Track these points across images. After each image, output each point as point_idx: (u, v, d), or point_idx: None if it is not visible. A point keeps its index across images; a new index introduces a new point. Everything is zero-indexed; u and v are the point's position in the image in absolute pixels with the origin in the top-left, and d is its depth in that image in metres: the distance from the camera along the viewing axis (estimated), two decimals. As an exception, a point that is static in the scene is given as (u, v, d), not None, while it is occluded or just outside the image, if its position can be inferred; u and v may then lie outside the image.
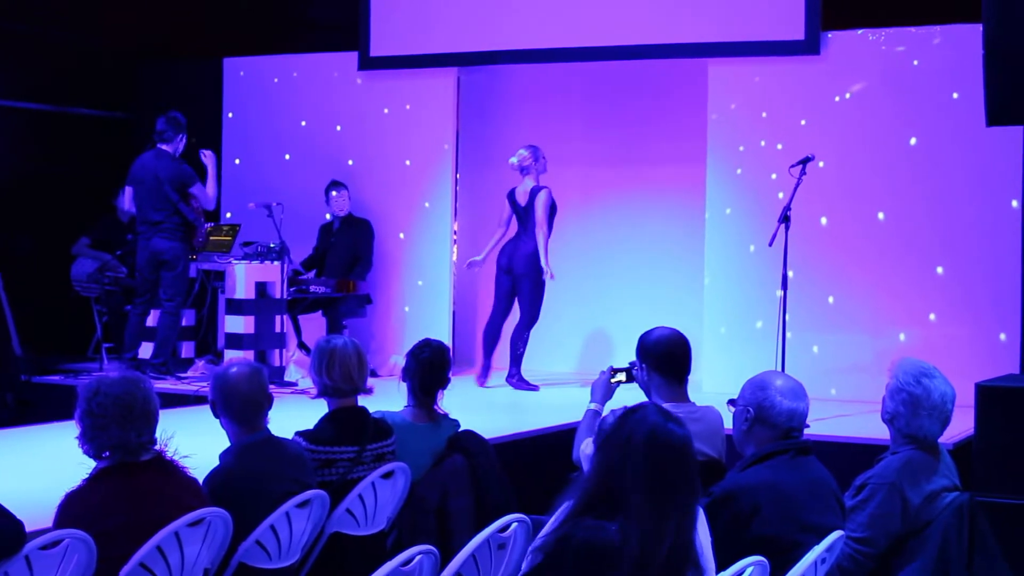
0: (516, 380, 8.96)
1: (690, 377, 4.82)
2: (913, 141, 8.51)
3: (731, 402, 4.18)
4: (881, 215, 8.58)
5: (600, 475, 2.98)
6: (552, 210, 8.93)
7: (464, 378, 9.20)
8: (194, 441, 4.21)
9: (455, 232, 10.07)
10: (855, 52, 8.69)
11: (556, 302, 9.47)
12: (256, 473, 4.28)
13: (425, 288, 9.90)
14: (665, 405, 4.61)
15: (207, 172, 9.02)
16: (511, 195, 9.09)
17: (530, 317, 8.96)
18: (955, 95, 8.33)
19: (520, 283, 8.95)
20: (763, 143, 8.87)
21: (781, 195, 7.42)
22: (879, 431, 4.38)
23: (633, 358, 4.81)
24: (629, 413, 3.05)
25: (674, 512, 2.92)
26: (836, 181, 8.63)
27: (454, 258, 10.03)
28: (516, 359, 8.97)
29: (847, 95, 8.68)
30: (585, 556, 2.89)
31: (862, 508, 4.09)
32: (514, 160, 9.01)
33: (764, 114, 8.90)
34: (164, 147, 8.83)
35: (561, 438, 6.33)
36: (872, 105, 8.62)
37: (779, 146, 8.72)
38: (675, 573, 2.91)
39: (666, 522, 2.90)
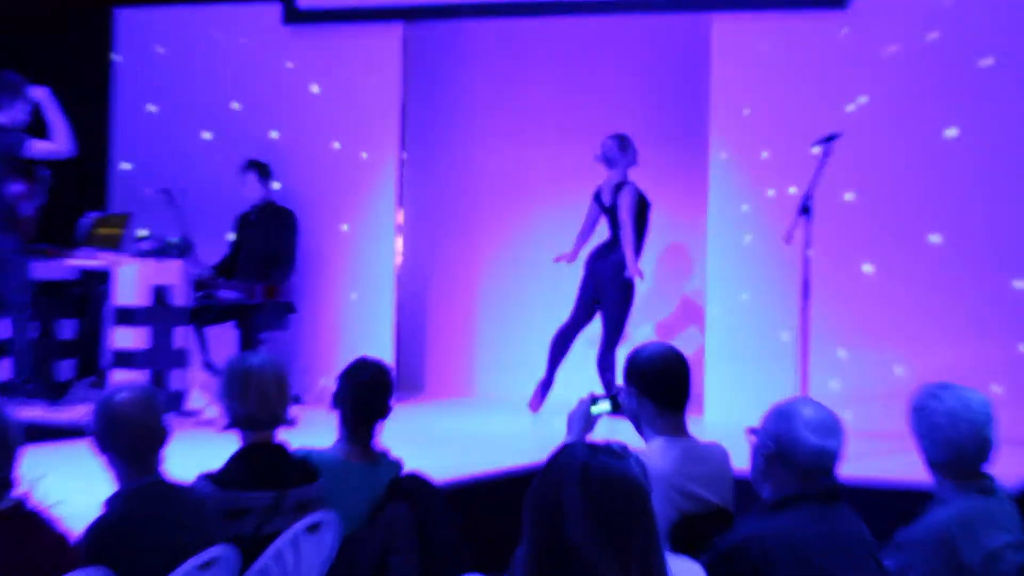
0: None
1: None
2: (952, 132, 8.54)
3: (752, 431, 4.13)
4: (936, 238, 8.60)
5: (539, 545, 2.92)
6: (639, 207, 9.11)
7: (409, 406, 9.16)
8: (71, 484, 4.16)
9: (400, 225, 10.02)
10: (886, 7, 8.75)
11: (529, 310, 9.45)
12: (148, 524, 4.23)
13: (362, 296, 9.86)
14: (659, 439, 4.65)
15: (44, 118, 8.78)
16: (596, 194, 9.27)
17: (613, 334, 9.15)
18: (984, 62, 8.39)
19: (605, 291, 9.16)
20: (771, 192, 8.92)
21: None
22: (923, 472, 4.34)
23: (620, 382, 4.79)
24: (551, 461, 3.02)
25: (634, 561, 2.87)
26: (870, 214, 8.71)
27: (398, 259, 9.98)
28: (607, 385, 9.06)
29: (850, 106, 8.69)
30: None
31: (905, 572, 4.05)
32: (599, 152, 9.21)
33: (765, 154, 8.95)
34: None
35: (527, 481, 6.28)
36: (905, 88, 8.63)
37: (792, 189, 8.71)
38: None
39: (628, 574, 2.87)
